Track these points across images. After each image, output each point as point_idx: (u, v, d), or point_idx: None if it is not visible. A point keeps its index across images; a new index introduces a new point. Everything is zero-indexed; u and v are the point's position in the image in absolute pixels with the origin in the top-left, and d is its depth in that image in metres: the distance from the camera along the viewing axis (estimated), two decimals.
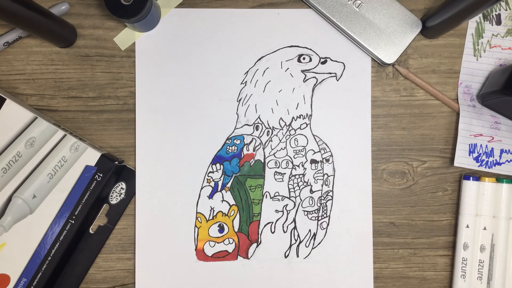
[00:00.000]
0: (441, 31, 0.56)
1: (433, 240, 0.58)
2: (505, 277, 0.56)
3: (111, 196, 0.57)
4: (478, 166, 0.57)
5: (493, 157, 0.57)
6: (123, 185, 0.57)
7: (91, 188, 0.55)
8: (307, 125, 0.57)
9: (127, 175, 0.57)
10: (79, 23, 0.57)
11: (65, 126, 0.57)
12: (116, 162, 0.56)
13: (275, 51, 0.58)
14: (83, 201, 0.55)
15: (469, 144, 0.57)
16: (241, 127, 0.57)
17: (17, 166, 0.54)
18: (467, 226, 0.57)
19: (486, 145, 0.57)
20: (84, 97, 0.57)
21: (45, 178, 0.54)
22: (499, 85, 0.53)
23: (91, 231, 0.57)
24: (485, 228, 0.57)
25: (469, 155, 0.57)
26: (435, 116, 0.58)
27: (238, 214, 0.57)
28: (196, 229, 0.57)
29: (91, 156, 0.55)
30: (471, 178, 0.57)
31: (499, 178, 0.57)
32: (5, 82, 0.57)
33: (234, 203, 0.57)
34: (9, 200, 0.54)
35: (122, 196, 0.57)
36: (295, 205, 0.57)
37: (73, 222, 0.55)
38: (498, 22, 0.58)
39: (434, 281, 0.59)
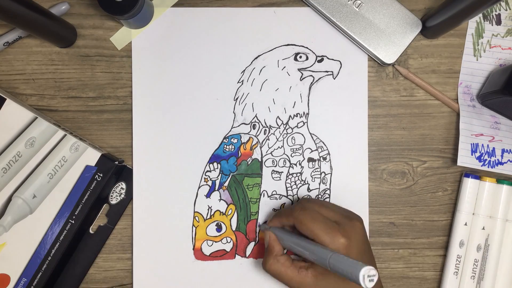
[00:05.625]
0: (441, 31, 0.56)
1: (433, 240, 0.58)
2: (495, 278, 0.56)
3: (111, 196, 0.57)
4: (481, 166, 0.56)
5: (495, 157, 0.57)
6: (123, 185, 0.57)
7: (91, 188, 0.55)
8: (304, 123, 0.57)
9: (127, 175, 0.57)
10: (79, 23, 0.57)
11: (65, 126, 0.57)
12: (116, 162, 0.56)
13: (271, 50, 0.58)
14: (83, 201, 0.55)
15: (471, 144, 0.56)
16: (238, 126, 0.57)
17: (17, 166, 0.54)
18: (465, 224, 0.56)
19: (488, 145, 0.57)
20: (84, 97, 0.57)
21: (45, 178, 0.54)
22: (499, 85, 0.53)
23: (91, 231, 0.57)
24: (483, 228, 0.56)
25: (472, 154, 0.56)
26: (435, 116, 0.58)
27: (235, 213, 0.57)
28: (194, 228, 0.57)
29: (91, 156, 0.55)
30: (470, 176, 0.57)
31: (500, 179, 0.57)
32: (5, 82, 0.57)
33: (232, 202, 0.57)
34: (9, 200, 0.54)
35: (122, 196, 0.57)
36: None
37: (73, 222, 0.55)
38: (498, 22, 0.58)
39: (434, 281, 0.58)
